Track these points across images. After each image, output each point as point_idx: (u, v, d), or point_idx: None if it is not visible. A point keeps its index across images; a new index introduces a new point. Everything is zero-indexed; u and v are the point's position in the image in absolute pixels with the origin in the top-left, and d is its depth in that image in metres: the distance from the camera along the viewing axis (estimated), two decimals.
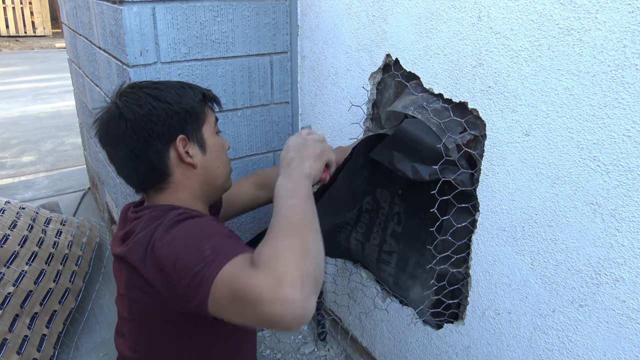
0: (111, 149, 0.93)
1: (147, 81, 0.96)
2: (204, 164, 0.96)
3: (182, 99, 0.92)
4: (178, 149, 0.91)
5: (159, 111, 0.89)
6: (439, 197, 1.10)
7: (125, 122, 0.88)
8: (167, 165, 0.92)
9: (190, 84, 0.98)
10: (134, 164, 0.91)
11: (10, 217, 1.87)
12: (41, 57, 7.59)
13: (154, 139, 0.89)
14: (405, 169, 1.09)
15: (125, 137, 0.89)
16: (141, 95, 0.90)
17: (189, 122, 0.93)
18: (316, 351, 1.78)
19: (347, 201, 1.29)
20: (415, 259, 1.29)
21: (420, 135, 1.05)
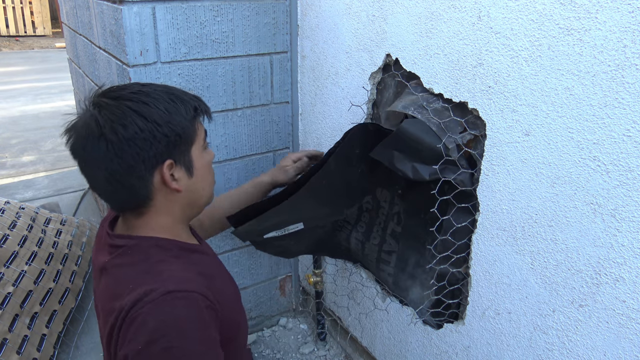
0: (87, 168, 0.82)
1: (132, 88, 0.82)
2: (189, 188, 0.87)
3: (172, 118, 0.81)
4: (164, 175, 0.82)
5: (145, 134, 0.78)
6: (439, 197, 1.10)
7: (107, 143, 0.77)
8: (149, 190, 0.82)
9: (180, 95, 0.85)
10: (113, 187, 0.81)
11: (10, 217, 1.87)
12: (41, 57, 7.59)
13: (138, 164, 0.79)
14: (405, 169, 1.09)
15: (105, 160, 0.78)
16: (126, 112, 0.78)
17: (178, 145, 0.83)
18: (316, 351, 1.78)
19: (344, 195, 1.28)
20: (415, 259, 1.29)
21: (420, 135, 1.05)
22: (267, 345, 1.81)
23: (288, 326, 1.90)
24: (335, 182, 1.20)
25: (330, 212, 1.33)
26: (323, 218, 1.35)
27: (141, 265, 0.81)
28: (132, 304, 0.74)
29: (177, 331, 0.73)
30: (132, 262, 0.81)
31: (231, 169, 1.59)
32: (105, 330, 0.79)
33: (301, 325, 1.91)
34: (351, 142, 1.13)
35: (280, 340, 1.84)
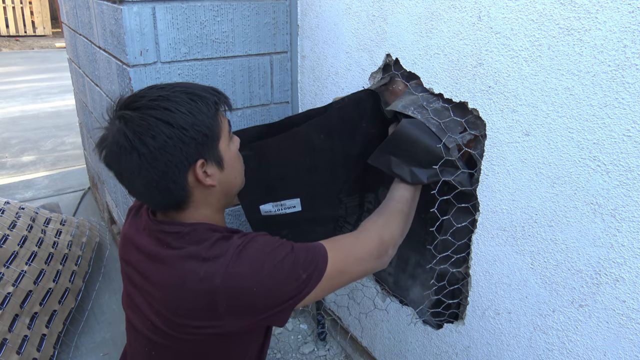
0: (123, 179, 0.86)
1: (151, 94, 0.84)
2: (222, 180, 0.90)
3: (197, 119, 0.83)
4: (197, 174, 0.85)
5: (174, 140, 0.80)
6: (439, 197, 1.10)
7: (139, 155, 0.80)
8: (186, 190, 0.86)
9: (199, 92, 0.86)
10: (151, 193, 0.85)
11: (10, 217, 1.87)
12: (41, 57, 7.59)
13: (171, 169, 0.82)
14: (403, 174, 1.09)
15: (140, 171, 0.81)
16: (152, 123, 0.80)
17: (206, 144, 0.85)
18: (316, 351, 1.78)
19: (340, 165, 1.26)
20: (416, 259, 1.29)
21: (420, 135, 1.05)
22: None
23: (288, 326, 1.90)
24: (334, 144, 1.21)
25: (326, 182, 1.28)
26: (318, 197, 1.30)
27: (204, 244, 0.84)
28: (220, 268, 0.81)
29: (273, 247, 0.85)
30: (197, 241, 0.85)
31: None
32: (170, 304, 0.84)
33: (301, 325, 1.91)
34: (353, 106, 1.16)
35: (280, 340, 1.84)
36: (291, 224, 1.32)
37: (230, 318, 0.82)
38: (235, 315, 0.82)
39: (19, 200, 2.79)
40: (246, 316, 0.83)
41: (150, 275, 0.87)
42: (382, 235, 0.97)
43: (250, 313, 0.83)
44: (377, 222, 0.99)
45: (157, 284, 0.86)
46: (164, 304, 0.85)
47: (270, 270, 0.82)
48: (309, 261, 0.85)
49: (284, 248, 0.85)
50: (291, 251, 0.85)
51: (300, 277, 0.83)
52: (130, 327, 0.96)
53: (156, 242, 0.88)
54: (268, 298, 0.82)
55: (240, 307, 0.82)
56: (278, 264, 0.82)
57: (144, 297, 0.89)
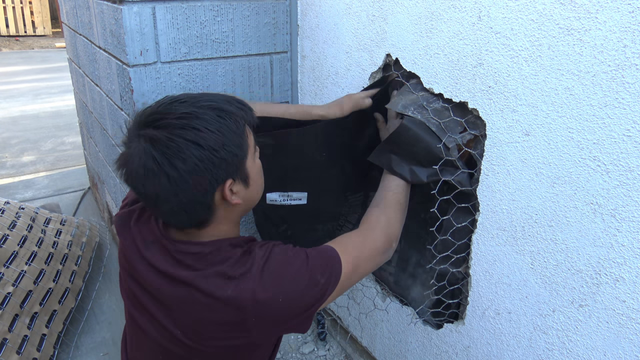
0: (148, 199, 0.82)
1: (177, 111, 0.79)
2: (246, 197, 0.88)
3: (226, 138, 0.79)
4: (225, 194, 0.82)
5: (205, 163, 0.77)
6: (439, 197, 1.10)
7: (168, 179, 0.76)
8: (211, 209, 0.84)
9: (226, 108, 0.82)
10: (175, 213, 0.82)
11: (10, 217, 1.87)
12: (41, 57, 7.59)
13: (200, 191, 0.79)
14: (403, 172, 1.10)
15: (168, 195, 0.78)
16: (182, 145, 0.76)
17: (235, 163, 0.82)
18: (316, 351, 1.78)
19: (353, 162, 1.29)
20: (416, 259, 1.29)
21: (420, 135, 1.05)
22: None
23: None
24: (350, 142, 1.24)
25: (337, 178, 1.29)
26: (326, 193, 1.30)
27: (229, 262, 0.83)
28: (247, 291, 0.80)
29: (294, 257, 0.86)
30: (220, 261, 0.84)
31: None
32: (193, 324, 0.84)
33: None
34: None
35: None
36: (292, 219, 1.32)
37: (257, 331, 0.84)
38: (262, 329, 0.84)
39: (19, 200, 2.79)
40: (273, 327, 0.85)
41: (169, 294, 0.85)
42: (387, 232, 0.99)
43: (277, 324, 0.85)
44: (380, 218, 1.01)
45: (178, 303, 0.84)
46: (188, 321, 0.84)
47: (293, 281, 0.83)
48: (324, 266, 0.86)
49: (300, 257, 0.86)
50: (306, 258, 0.86)
51: (319, 283, 0.85)
52: (137, 328, 0.94)
53: (174, 262, 0.85)
54: (293, 308, 0.84)
55: (268, 320, 0.83)
56: (299, 274, 0.84)
57: (160, 309, 0.87)
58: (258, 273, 0.81)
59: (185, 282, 0.83)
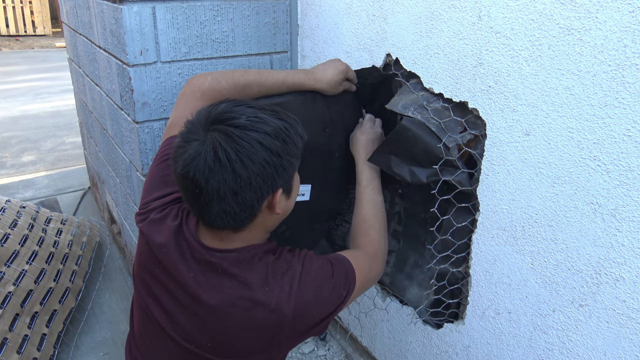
0: (201, 196, 0.79)
1: (247, 113, 0.80)
2: (285, 208, 0.89)
3: (289, 149, 0.82)
4: (273, 202, 0.83)
5: (270, 169, 0.79)
6: (439, 197, 1.10)
7: (236, 178, 0.76)
8: (255, 215, 0.84)
9: (289, 120, 0.84)
10: (227, 215, 0.81)
11: (11, 216, 1.87)
12: (41, 57, 7.59)
13: (258, 196, 0.80)
14: (402, 173, 1.10)
15: (228, 193, 0.77)
16: (255, 146, 0.77)
17: (291, 174, 0.85)
18: (316, 350, 1.78)
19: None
20: (414, 259, 1.29)
21: (420, 135, 1.05)
22: None
23: None
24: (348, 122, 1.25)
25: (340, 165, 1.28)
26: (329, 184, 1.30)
27: (267, 271, 0.86)
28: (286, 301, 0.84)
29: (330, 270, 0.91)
30: (259, 270, 0.85)
31: None
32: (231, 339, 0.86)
33: None
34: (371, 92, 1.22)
35: None
36: (291, 219, 1.32)
37: (286, 344, 0.88)
38: (292, 340, 0.88)
39: (19, 200, 2.80)
40: (301, 337, 0.89)
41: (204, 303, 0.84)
42: (384, 256, 1.10)
43: (305, 334, 0.89)
44: (380, 243, 1.09)
45: (214, 312, 0.84)
46: (221, 332, 0.85)
47: (327, 294, 0.88)
48: (345, 280, 0.92)
49: (327, 268, 0.91)
50: (333, 271, 0.91)
51: (341, 295, 0.91)
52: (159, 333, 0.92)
53: (211, 272, 0.85)
54: (320, 317, 0.88)
55: (299, 331, 0.87)
56: (330, 287, 0.89)
57: (191, 318, 0.86)
58: (298, 286, 0.85)
59: (227, 292, 0.83)
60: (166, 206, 0.93)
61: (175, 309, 0.87)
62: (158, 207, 0.93)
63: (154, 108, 1.38)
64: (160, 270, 0.88)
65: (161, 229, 0.89)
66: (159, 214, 0.91)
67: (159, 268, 0.88)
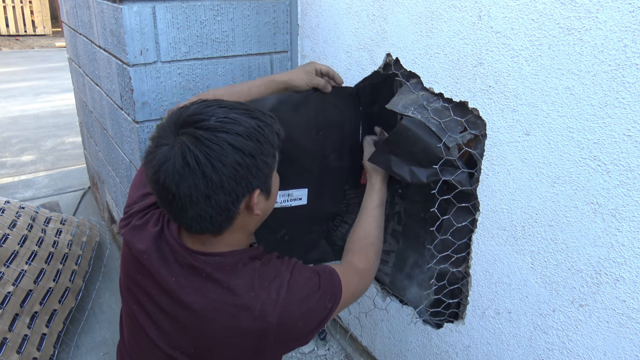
0: (174, 201, 0.77)
1: (217, 114, 0.78)
2: (265, 209, 0.88)
3: (264, 148, 0.80)
4: (251, 203, 0.82)
5: (243, 171, 0.77)
6: (439, 197, 1.10)
7: (207, 182, 0.75)
8: (233, 218, 0.82)
9: (264, 119, 0.82)
10: (202, 219, 0.79)
11: (10, 216, 1.87)
12: (41, 56, 7.59)
13: (232, 197, 0.78)
14: (402, 173, 1.09)
15: (200, 198, 0.76)
16: (225, 148, 0.75)
17: (266, 174, 0.83)
18: (316, 350, 1.78)
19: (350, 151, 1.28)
20: (414, 259, 1.29)
21: (420, 135, 1.05)
22: None
23: None
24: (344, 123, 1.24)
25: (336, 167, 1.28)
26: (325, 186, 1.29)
27: (252, 278, 0.84)
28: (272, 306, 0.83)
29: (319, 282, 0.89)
30: (242, 275, 0.84)
31: None
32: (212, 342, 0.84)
33: None
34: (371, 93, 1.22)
35: None
36: (290, 223, 1.32)
37: (272, 353, 0.86)
38: (277, 350, 0.87)
39: (19, 200, 2.79)
40: (285, 346, 0.88)
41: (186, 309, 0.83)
42: (375, 272, 1.09)
43: (290, 343, 0.88)
44: (375, 262, 1.10)
45: (197, 318, 0.83)
46: (204, 338, 0.84)
47: (313, 305, 0.87)
48: (332, 294, 0.91)
49: (315, 280, 0.90)
50: (320, 282, 0.90)
51: (327, 307, 0.90)
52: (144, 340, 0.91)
53: (192, 275, 0.84)
54: (306, 328, 0.87)
55: (284, 340, 0.86)
56: (316, 298, 0.88)
57: (174, 325, 0.86)
58: (284, 293, 0.84)
59: (211, 297, 0.82)
60: (147, 210, 0.92)
61: (159, 315, 0.86)
62: (140, 212, 0.93)
63: (154, 108, 1.38)
64: (144, 277, 0.87)
65: (142, 235, 0.88)
66: (140, 220, 0.90)
67: (142, 275, 0.87)
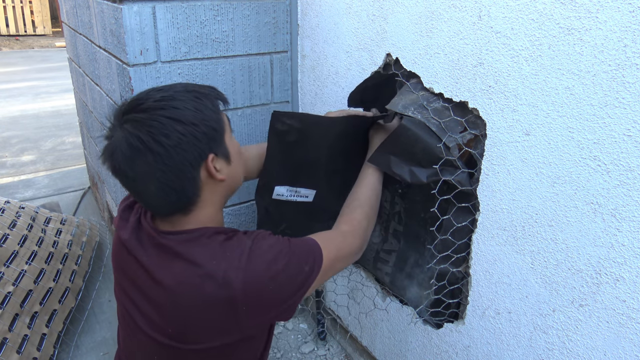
0: (137, 185, 0.84)
1: (154, 96, 0.84)
2: (230, 174, 0.92)
3: (204, 114, 0.85)
4: (209, 168, 0.86)
5: (188, 137, 0.81)
6: (439, 197, 1.10)
7: (154, 155, 0.79)
8: (198, 188, 0.86)
9: (200, 90, 0.88)
10: (165, 194, 0.83)
11: (10, 216, 1.87)
12: (41, 56, 7.59)
13: (186, 166, 0.82)
14: (402, 173, 1.09)
15: (155, 172, 0.80)
16: (164, 122, 0.80)
17: (215, 138, 0.87)
18: (316, 350, 1.78)
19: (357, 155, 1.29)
20: (414, 259, 1.29)
21: (420, 135, 1.05)
22: None
23: (288, 325, 1.91)
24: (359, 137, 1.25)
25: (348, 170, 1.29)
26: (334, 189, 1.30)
27: (215, 248, 0.85)
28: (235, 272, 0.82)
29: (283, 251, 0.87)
30: (207, 246, 0.85)
31: None
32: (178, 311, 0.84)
33: (301, 324, 1.92)
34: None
35: (280, 339, 1.84)
36: (292, 217, 1.32)
37: (248, 321, 0.84)
38: (252, 317, 0.84)
39: (19, 200, 2.79)
40: (261, 315, 0.86)
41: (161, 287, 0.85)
42: (365, 236, 1.06)
43: (265, 311, 0.86)
44: (362, 223, 1.06)
45: (170, 296, 0.84)
46: (180, 316, 0.84)
47: (282, 268, 0.85)
48: (308, 256, 0.90)
49: (285, 244, 0.89)
50: (292, 247, 0.89)
51: (304, 271, 0.88)
52: (132, 326, 0.94)
53: (162, 253, 0.86)
54: (280, 294, 0.85)
55: (257, 307, 0.84)
56: (288, 261, 0.86)
57: (151, 306, 0.87)
58: (247, 258, 0.83)
59: (175, 271, 0.84)
60: (134, 202, 0.98)
61: (142, 301, 0.89)
62: (127, 202, 0.99)
63: None
64: (128, 263, 0.91)
65: (126, 226, 0.93)
66: (126, 211, 0.96)
67: (127, 262, 0.91)
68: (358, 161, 1.25)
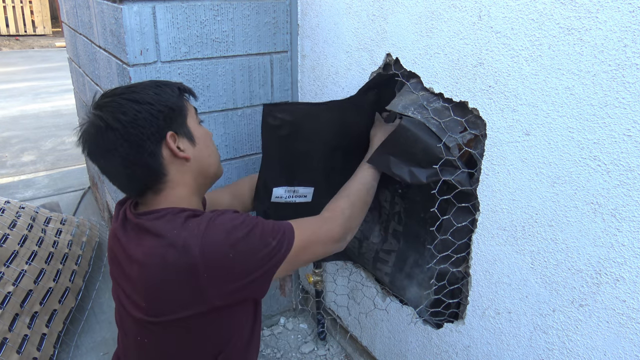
0: (104, 161, 0.93)
1: (121, 87, 0.96)
2: (195, 156, 0.97)
3: (162, 97, 0.94)
4: (170, 146, 0.93)
5: (144, 114, 0.90)
6: (439, 197, 1.10)
7: (114, 131, 0.89)
8: (162, 165, 0.93)
9: (164, 81, 0.99)
10: (130, 170, 0.92)
11: (10, 216, 1.87)
12: (41, 56, 7.59)
13: (145, 141, 0.90)
14: (402, 174, 1.09)
15: (117, 147, 0.89)
16: (122, 102, 0.90)
17: (174, 118, 0.95)
18: (316, 350, 1.78)
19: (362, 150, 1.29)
20: (414, 259, 1.29)
21: (420, 135, 1.05)
22: (267, 345, 1.81)
23: (288, 326, 1.91)
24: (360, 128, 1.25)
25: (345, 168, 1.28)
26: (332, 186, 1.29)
27: (178, 221, 0.89)
28: (194, 238, 0.85)
29: (243, 220, 0.90)
30: (171, 220, 0.90)
31: (231, 168, 1.59)
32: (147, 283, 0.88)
33: (301, 324, 1.92)
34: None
35: (280, 339, 1.84)
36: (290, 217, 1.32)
37: (211, 289, 0.86)
38: (215, 285, 0.86)
39: (19, 200, 2.79)
40: (224, 284, 0.87)
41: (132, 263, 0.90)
42: (347, 224, 1.06)
43: (227, 280, 0.87)
44: (345, 211, 1.07)
45: (138, 271, 0.88)
46: (149, 290, 0.88)
47: (243, 236, 0.88)
48: (276, 230, 0.93)
49: (252, 219, 0.92)
50: (259, 222, 0.93)
51: (271, 244, 0.90)
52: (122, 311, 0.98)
53: (134, 231, 0.92)
54: (244, 264, 0.88)
55: (219, 275, 0.86)
56: (249, 231, 0.89)
57: (129, 284, 0.92)
58: (207, 227, 0.87)
59: (144, 246, 0.88)
60: (126, 199, 1.04)
61: (126, 283, 0.94)
62: (119, 200, 1.06)
63: None
64: (117, 253, 0.96)
65: (117, 219, 0.99)
66: (117, 206, 1.03)
67: (116, 251, 0.98)
68: (357, 159, 1.25)
